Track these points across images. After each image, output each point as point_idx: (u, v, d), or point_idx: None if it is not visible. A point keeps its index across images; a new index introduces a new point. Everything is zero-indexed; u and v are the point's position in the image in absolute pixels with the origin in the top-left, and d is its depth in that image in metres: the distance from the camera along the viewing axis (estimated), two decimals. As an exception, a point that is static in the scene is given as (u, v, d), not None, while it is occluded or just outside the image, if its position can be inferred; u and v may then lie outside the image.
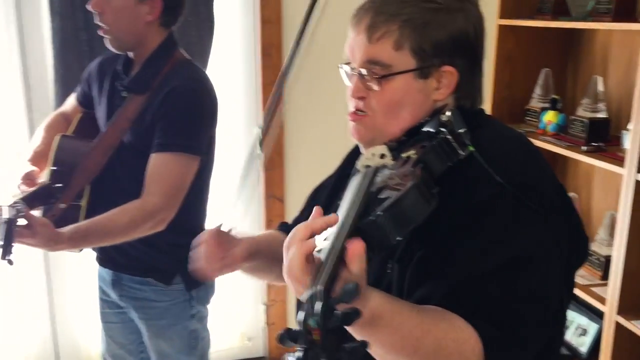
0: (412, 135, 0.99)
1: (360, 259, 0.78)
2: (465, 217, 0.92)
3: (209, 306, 1.96)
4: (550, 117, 2.42)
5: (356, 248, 0.78)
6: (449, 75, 1.02)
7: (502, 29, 2.50)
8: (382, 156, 0.96)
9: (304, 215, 1.26)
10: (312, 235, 0.83)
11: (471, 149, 0.92)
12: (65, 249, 1.63)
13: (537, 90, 2.53)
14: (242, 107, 2.82)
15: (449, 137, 0.93)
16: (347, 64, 1.06)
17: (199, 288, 1.87)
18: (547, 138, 2.37)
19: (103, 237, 1.66)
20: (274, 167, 2.87)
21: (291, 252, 0.82)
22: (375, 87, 1.02)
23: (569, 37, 2.52)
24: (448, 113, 0.96)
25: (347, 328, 0.75)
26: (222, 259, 1.14)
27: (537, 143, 2.35)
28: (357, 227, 0.81)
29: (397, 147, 0.98)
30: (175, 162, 1.67)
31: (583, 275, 2.31)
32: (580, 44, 2.52)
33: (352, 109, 1.06)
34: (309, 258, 0.81)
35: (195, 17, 2.53)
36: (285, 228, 1.31)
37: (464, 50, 1.02)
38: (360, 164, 0.97)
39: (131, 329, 1.95)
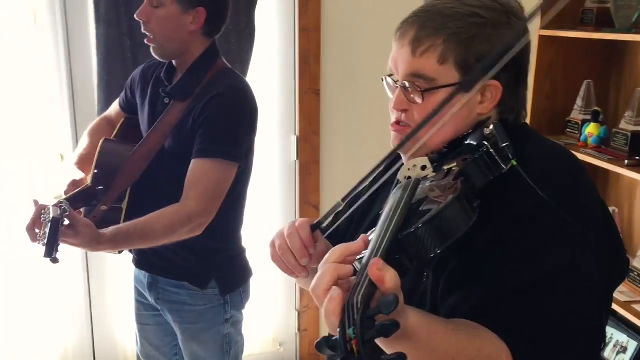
0: (454, 147, 0.99)
1: (388, 273, 0.75)
2: (504, 229, 0.92)
3: (243, 311, 1.98)
4: (591, 130, 2.38)
5: (373, 271, 0.74)
6: (493, 89, 1.01)
7: (543, 39, 2.47)
8: (424, 168, 0.96)
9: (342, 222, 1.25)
10: (348, 257, 0.80)
11: (514, 163, 0.91)
12: (106, 250, 1.67)
13: (579, 102, 2.50)
14: (279, 114, 2.84)
15: (491, 150, 0.92)
16: (390, 76, 1.07)
17: (233, 293, 1.89)
18: (588, 151, 2.33)
19: (142, 239, 1.69)
20: (310, 173, 2.88)
21: (322, 271, 0.78)
22: (418, 100, 1.02)
23: (612, 48, 2.48)
24: (491, 126, 0.95)
25: (381, 343, 0.74)
26: (310, 256, 1.05)
27: (578, 156, 2.29)
28: (396, 239, 0.81)
29: (438, 159, 0.98)
30: (215, 168, 1.70)
31: (623, 292, 2.26)
32: (624, 56, 2.47)
33: (393, 120, 1.07)
34: (337, 281, 0.78)
35: (235, 26, 2.57)
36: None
37: (509, 65, 1.00)
38: (401, 175, 0.97)
39: (166, 332, 1.98)
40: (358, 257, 0.82)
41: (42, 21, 2.49)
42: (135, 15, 1.73)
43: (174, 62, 1.81)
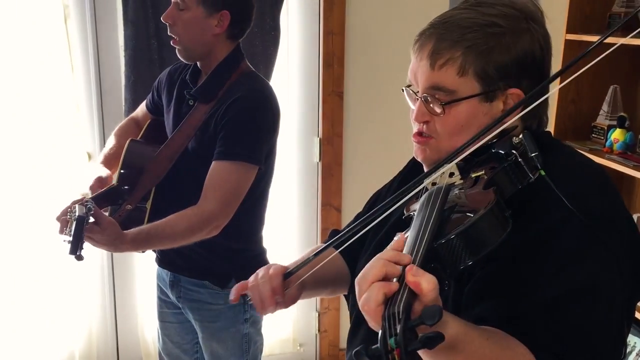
0: (479, 155, 0.98)
1: (424, 279, 0.74)
2: (532, 240, 0.91)
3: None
4: (617, 135, 2.35)
5: (409, 278, 0.75)
6: (515, 97, 1.01)
7: (569, 44, 2.45)
8: (451, 175, 0.96)
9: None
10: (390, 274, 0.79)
11: (542, 172, 0.90)
12: (128, 250, 1.70)
13: (604, 107, 2.47)
14: (302, 116, 2.86)
15: (520, 160, 0.91)
16: (409, 86, 1.06)
17: (254, 293, 1.91)
18: (613, 157, 2.30)
19: (163, 240, 1.73)
20: (332, 175, 2.90)
21: (369, 292, 0.76)
22: (439, 111, 1.01)
23: (638, 54, 2.45)
24: (520, 135, 0.94)
25: (421, 353, 0.73)
26: (277, 304, 1.11)
27: (603, 162, 2.29)
28: (431, 249, 0.80)
29: (464, 166, 0.97)
30: (234, 171, 1.72)
31: (647, 300, 2.22)
32: (651, 61, 2.44)
33: (415, 130, 1.06)
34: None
35: (260, 28, 2.59)
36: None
37: (530, 71, 1.00)
38: (427, 181, 0.95)
39: (187, 329, 2.01)
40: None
41: (71, 22, 2.54)
42: (161, 18, 1.76)
43: (198, 64, 1.84)
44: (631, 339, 2.32)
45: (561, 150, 1.04)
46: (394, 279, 0.76)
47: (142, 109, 2.07)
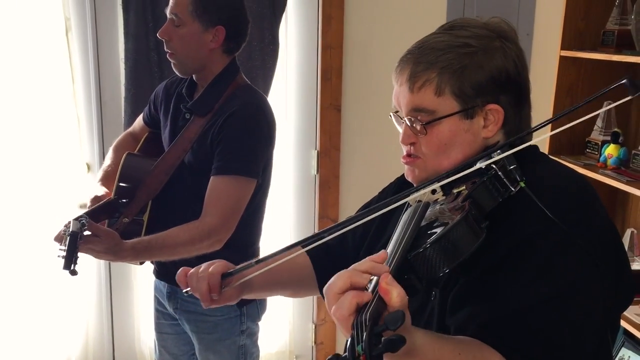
0: (463, 171, 1.01)
1: (395, 289, 0.78)
2: (512, 250, 0.94)
3: (259, 323, 2.02)
4: (611, 151, 2.37)
5: (382, 285, 0.78)
6: (494, 113, 1.04)
7: (564, 60, 2.48)
8: (434, 192, 1.00)
9: (350, 234, 1.28)
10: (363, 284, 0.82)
11: (522, 184, 0.94)
12: (128, 258, 1.71)
13: (599, 123, 2.49)
14: (300, 129, 2.89)
15: (499, 173, 0.95)
16: (396, 112, 1.10)
17: (250, 305, 1.93)
18: (607, 172, 2.32)
19: (163, 250, 1.74)
20: (329, 188, 2.92)
21: (345, 298, 0.80)
22: (423, 133, 1.05)
23: (633, 69, 2.47)
24: (498, 150, 0.97)
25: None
26: (214, 300, 1.16)
27: (597, 177, 2.31)
28: (406, 260, 0.84)
29: (448, 182, 1.00)
30: (233, 185, 1.74)
31: (639, 314, 2.24)
32: (645, 77, 2.47)
33: (404, 152, 1.10)
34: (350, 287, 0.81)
35: (259, 42, 2.62)
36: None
37: (506, 87, 1.04)
38: (412, 198, 0.99)
39: (184, 341, 2.02)
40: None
41: (73, 34, 2.57)
42: (157, 34, 1.79)
43: (195, 78, 1.86)
44: (625, 352, 2.33)
45: (543, 162, 1.07)
46: (369, 289, 0.80)
47: (139, 122, 2.10)
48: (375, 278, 0.81)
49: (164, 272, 1.96)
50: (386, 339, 0.71)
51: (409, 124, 1.06)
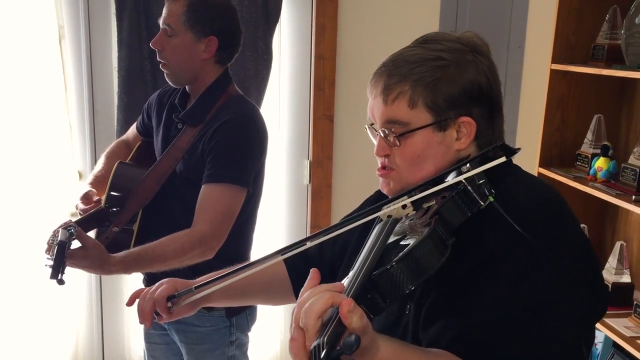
0: (434, 185, 1.02)
1: (355, 315, 0.78)
2: (481, 263, 0.95)
3: (250, 334, 2.01)
4: (601, 164, 2.38)
5: (343, 308, 0.78)
6: (467, 125, 1.06)
7: (555, 73, 2.50)
8: (404, 207, 1.00)
9: (328, 247, 1.29)
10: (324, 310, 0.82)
11: (491, 199, 0.95)
12: (117, 271, 1.69)
13: (589, 136, 2.51)
14: (293, 138, 2.90)
15: (468, 187, 0.96)
16: (372, 125, 1.12)
17: (239, 315, 1.93)
18: (597, 185, 2.33)
19: (154, 261, 1.72)
20: (322, 198, 2.92)
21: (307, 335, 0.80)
22: (396, 144, 1.07)
23: (623, 83, 2.50)
24: (468, 165, 0.99)
25: None
26: (151, 322, 1.21)
27: (587, 189, 2.32)
28: (369, 279, 0.85)
29: (419, 197, 1.01)
30: (224, 193, 1.75)
31: (629, 327, 2.25)
32: (634, 91, 2.48)
33: (379, 164, 1.12)
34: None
35: (253, 52, 2.63)
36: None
37: (479, 100, 1.06)
38: (383, 213, 1.01)
39: (173, 351, 2.01)
40: None
41: (66, 42, 2.58)
42: (150, 44, 1.80)
43: (187, 88, 1.87)
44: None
45: (513, 175, 1.07)
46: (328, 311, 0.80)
47: (132, 130, 2.10)
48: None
49: (154, 282, 1.95)
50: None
51: (383, 136, 1.08)
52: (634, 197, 2.16)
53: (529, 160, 2.65)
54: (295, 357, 0.81)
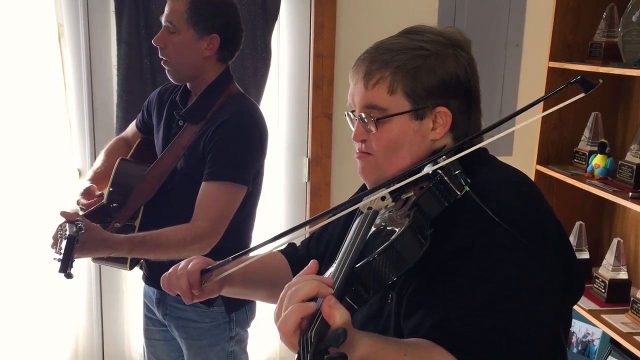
0: (412, 176, 1.04)
1: (337, 311, 0.80)
2: (458, 251, 0.97)
3: (249, 330, 2.02)
4: (598, 161, 2.40)
5: (325, 309, 0.80)
6: (443, 116, 1.08)
7: (552, 71, 2.51)
8: (383, 198, 1.02)
9: (312, 239, 1.33)
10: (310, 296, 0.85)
11: (467, 189, 0.97)
12: (123, 247, 1.68)
13: (586, 133, 2.52)
14: (292, 136, 2.91)
15: (445, 178, 0.98)
16: (352, 111, 1.14)
17: (239, 311, 1.94)
18: (594, 182, 2.35)
19: (156, 248, 1.73)
20: (320, 195, 2.93)
21: (291, 313, 0.83)
22: (374, 129, 1.09)
23: (620, 81, 2.51)
24: (443, 156, 1.01)
25: None
26: (195, 296, 1.19)
27: (584, 187, 2.34)
28: (352, 272, 0.86)
29: (397, 188, 1.03)
30: (223, 191, 1.76)
31: (626, 323, 2.26)
32: (632, 89, 2.50)
33: (356, 150, 1.14)
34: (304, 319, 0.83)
35: (252, 50, 2.64)
36: (292, 250, 1.36)
37: (457, 92, 1.09)
38: (363, 204, 1.03)
39: (173, 347, 2.03)
40: None
41: (65, 40, 2.58)
42: (152, 42, 1.80)
43: (188, 85, 1.88)
44: (612, 361, 2.35)
45: (489, 165, 1.10)
46: (316, 304, 0.83)
47: (132, 128, 2.11)
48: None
49: (154, 278, 1.96)
50: (328, 356, 0.75)
51: (361, 120, 1.10)
52: (631, 193, 2.17)
53: (526, 158, 2.67)
54: (283, 335, 0.84)
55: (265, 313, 2.70)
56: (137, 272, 2.04)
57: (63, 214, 1.62)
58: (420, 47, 1.08)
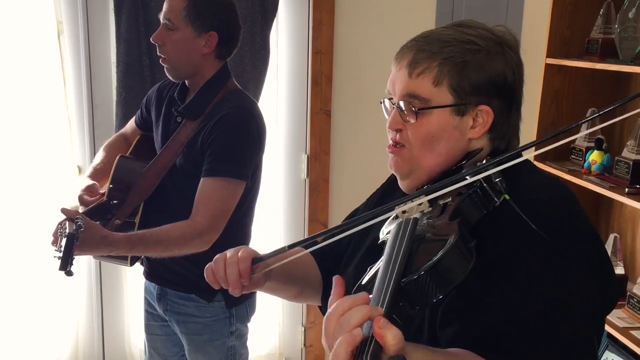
0: (450, 179, 1.00)
1: (390, 333, 0.75)
2: (498, 261, 0.94)
3: (249, 325, 2.04)
4: (595, 157, 2.41)
5: (376, 330, 0.75)
6: (484, 115, 1.05)
7: (549, 67, 2.53)
8: (420, 203, 0.98)
9: (335, 246, 1.28)
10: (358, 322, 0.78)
11: (506, 197, 0.94)
12: (123, 246, 1.68)
13: (583, 130, 2.54)
14: (291, 133, 2.92)
15: (484, 185, 0.95)
16: (389, 99, 1.11)
17: (239, 306, 1.95)
18: (591, 178, 2.36)
19: (156, 245, 1.74)
20: (319, 192, 2.95)
21: (340, 347, 0.75)
22: (412, 119, 1.06)
23: (617, 77, 2.53)
24: (484, 161, 0.97)
25: None
26: (243, 287, 1.13)
27: (581, 182, 2.35)
28: (399, 287, 0.82)
29: (438, 195, 0.98)
30: (222, 187, 1.77)
31: (623, 318, 2.28)
32: (628, 85, 2.52)
33: (390, 140, 1.11)
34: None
35: (250, 47, 2.65)
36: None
37: (501, 92, 1.05)
38: (397, 209, 0.98)
39: (173, 342, 2.04)
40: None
41: (65, 38, 2.59)
42: (151, 39, 1.81)
43: (187, 82, 1.89)
44: (609, 355, 2.37)
45: (527, 173, 1.07)
46: (363, 329, 0.77)
47: (131, 124, 2.12)
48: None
49: (154, 274, 1.98)
50: None
51: (400, 109, 1.06)
52: (627, 189, 2.19)
53: (524, 154, 2.68)
54: None
55: (265, 308, 2.72)
56: (137, 268, 2.05)
57: (63, 210, 1.63)
58: (471, 41, 1.04)
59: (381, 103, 1.13)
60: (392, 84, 1.09)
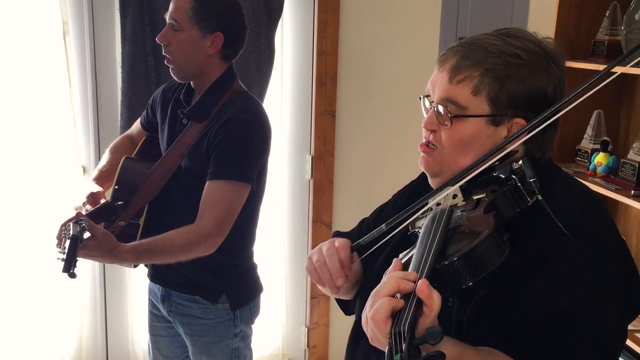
0: (481, 176, 1.03)
1: (435, 293, 0.81)
2: (528, 263, 0.96)
3: (253, 326, 2.04)
4: (600, 159, 2.41)
5: (423, 289, 0.81)
6: (519, 127, 1.05)
7: (555, 69, 2.52)
8: (454, 196, 1.01)
9: (366, 226, 1.29)
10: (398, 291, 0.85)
11: (539, 197, 0.95)
12: (128, 258, 1.70)
13: (589, 131, 2.53)
14: (295, 134, 2.92)
15: (519, 184, 0.96)
16: (427, 96, 1.12)
17: (243, 308, 1.95)
18: (596, 180, 2.35)
19: (163, 253, 1.74)
20: (323, 193, 2.94)
21: (379, 303, 0.83)
22: (447, 124, 1.07)
23: (623, 79, 2.51)
24: (520, 162, 0.99)
25: None
26: (346, 277, 1.12)
27: (586, 184, 2.34)
28: (434, 270, 0.86)
29: (467, 187, 1.02)
30: (227, 190, 1.77)
31: (628, 321, 2.27)
32: (634, 87, 2.51)
33: (423, 140, 1.12)
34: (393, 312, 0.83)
35: (255, 48, 2.65)
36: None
37: (540, 108, 1.04)
38: (432, 201, 1.01)
39: (177, 343, 2.04)
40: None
41: (70, 38, 2.59)
42: (156, 39, 1.81)
43: (192, 83, 1.89)
44: None
45: (559, 177, 1.09)
46: (399, 296, 0.83)
47: (136, 126, 2.11)
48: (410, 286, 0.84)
49: (159, 275, 1.98)
50: (427, 355, 0.74)
51: (439, 111, 1.07)
52: (633, 192, 2.18)
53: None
54: (375, 323, 0.83)
55: (269, 310, 2.72)
56: (142, 269, 2.05)
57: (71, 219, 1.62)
58: (516, 54, 1.04)
59: (420, 99, 1.14)
60: (432, 85, 1.10)
